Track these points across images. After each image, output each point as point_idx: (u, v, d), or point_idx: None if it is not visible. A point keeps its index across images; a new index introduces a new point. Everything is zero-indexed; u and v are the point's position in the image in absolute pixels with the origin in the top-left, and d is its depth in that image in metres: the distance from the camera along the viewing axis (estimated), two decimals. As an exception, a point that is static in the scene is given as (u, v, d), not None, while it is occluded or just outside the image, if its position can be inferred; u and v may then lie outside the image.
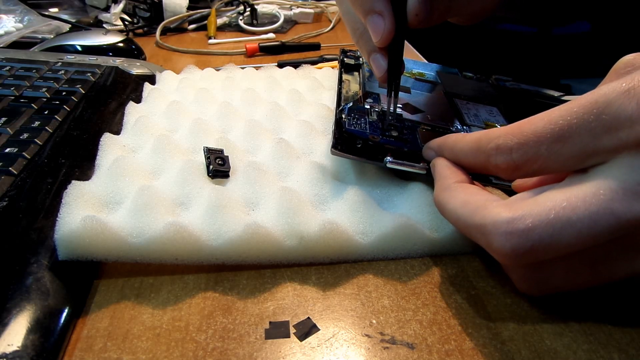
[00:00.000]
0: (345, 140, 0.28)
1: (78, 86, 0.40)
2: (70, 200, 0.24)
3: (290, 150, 0.31)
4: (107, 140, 0.31)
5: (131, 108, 0.37)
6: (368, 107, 0.32)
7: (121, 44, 0.55)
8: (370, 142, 0.28)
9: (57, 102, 0.37)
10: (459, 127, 0.32)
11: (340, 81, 0.36)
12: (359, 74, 0.38)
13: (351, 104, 0.32)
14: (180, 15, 0.71)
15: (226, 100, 0.38)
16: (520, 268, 0.21)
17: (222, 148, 0.30)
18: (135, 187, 0.26)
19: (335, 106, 0.33)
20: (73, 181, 0.26)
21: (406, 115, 0.32)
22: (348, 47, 0.45)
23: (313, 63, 0.53)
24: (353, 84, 0.36)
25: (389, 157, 0.27)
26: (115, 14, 0.69)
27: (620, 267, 0.20)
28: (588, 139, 0.18)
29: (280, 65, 0.51)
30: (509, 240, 0.19)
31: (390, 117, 0.30)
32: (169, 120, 0.36)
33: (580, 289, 0.21)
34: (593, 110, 0.18)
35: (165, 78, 0.45)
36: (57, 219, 0.23)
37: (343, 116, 0.30)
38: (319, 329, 0.21)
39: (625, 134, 0.18)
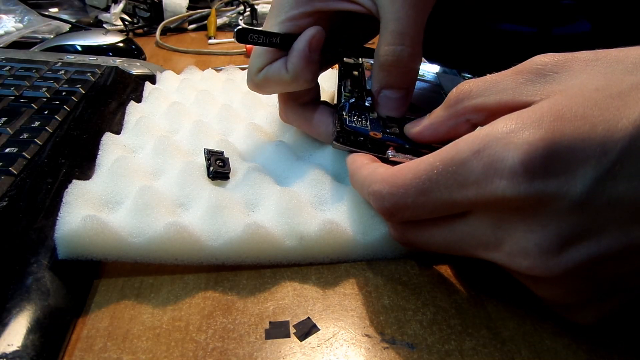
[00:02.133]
0: (347, 133, 0.28)
1: (78, 86, 0.40)
2: (70, 200, 0.24)
3: (289, 152, 0.31)
4: (108, 140, 0.31)
5: (132, 108, 0.37)
6: (368, 104, 0.32)
7: (121, 44, 0.55)
8: (372, 138, 0.28)
9: (57, 102, 0.37)
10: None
11: (340, 79, 0.36)
12: (358, 73, 0.38)
13: (352, 100, 0.32)
14: (180, 15, 0.71)
15: (227, 103, 0.38)
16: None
17: (222, 150, 0.30)
18: (136, 187, 0.26)
19: (336, 104, 0.33)
20: (74, 180, 0.26)
21: (406, 113, 0.32)
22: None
23: (313, 63, 0.53)
24: (353, 83, 0.36)
25: (390, 151, 0.27)
26: (115, 14, 0.69)
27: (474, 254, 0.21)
28: (446, 194, 0.20)
29: (280, 65, 0.51)
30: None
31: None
32: (170, 121, 0.36)
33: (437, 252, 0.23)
34: (449, 168, 0.20)
35: (166, 78, 0.45)
36: (58, 218, 0.23)
37: (344, 113, 0.30)
38: (319, 329, 0.21)
39: (473, 193, 0.19)
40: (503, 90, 0.21)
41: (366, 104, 0.32)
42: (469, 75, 0.42)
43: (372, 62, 0.41)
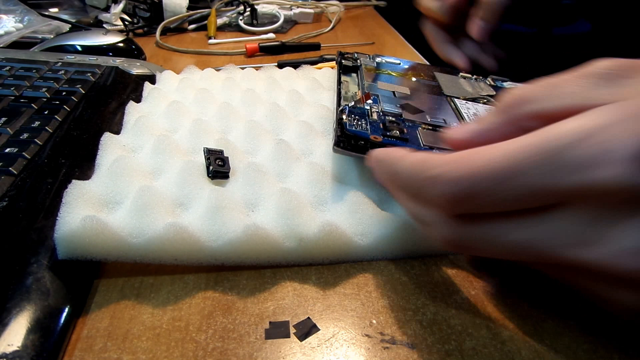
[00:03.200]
0: (347, 137, 0.28)
1: (78, 86, 0.40)
2: (70, 200, 0.24)
3: (290, 151, 0.31)
4: (107, 140, 0.31)
5: (131, 108, 0.37)
6: (368, 107, 0.32)
7: (121, 44, 0.55)
8: (373, 142, 0.28)
9: (57, 102, 0.37)
10: (458, 126, 0.32)
11: (339, 82, 0.36)
12: (357, 76, 0.38)
13: (352, 103, 0.32)
14: (180, 15, 0.71)
15: (226, 101, 0.38)
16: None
17: (222, 149, 0.30)
18: (135, 187, 0.26)
19: (335, 107, 0.33)
20: (73, 181, 0.26)
21: (406, 115, 0.32)
22: (345, 49, 0.45)
23: (313, 63, 0.53)
24: (352, 85, 0.36)
25: None
26: (115, 14, 0.69)
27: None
28: (538, 180, 0.17)
29: (280, 65, 0.51)
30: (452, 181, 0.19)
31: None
32: (169, 120, 0.36)
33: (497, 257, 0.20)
34: (546, 153, 0.17)
35: (166, 78, 0.45)
36: (57, 218, 0.23)
37: (344, 117, 0.30)
38: (319, 329, 0.21)
39: (574, 180, 0.17)
40: (568, 94, 0.19)
41: (365, 106, 0.32)
42: (468, 75, 0.42)
43: (370, 63, 0.41)
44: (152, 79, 0.46)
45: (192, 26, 0.72)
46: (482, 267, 0.25)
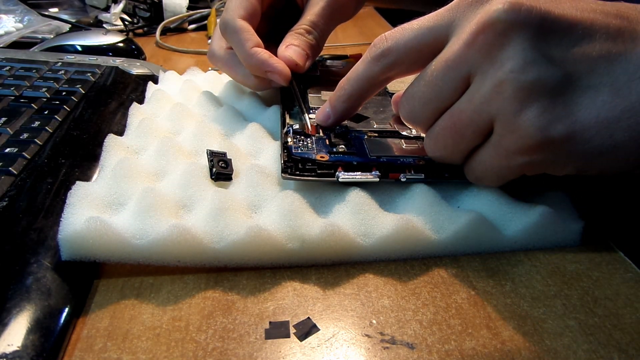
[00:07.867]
0: (295, 162, 0.27)
1: (78, 86, 0.40)
2: (74, 201, 0.24)
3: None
4: (111, 141, 0.31)
5: (135, 109, 0.37)
6: (309, 119, 0.31)
7: (121, 44, 0.55)
8: (319, 162, 0.27)
9: (57, 102, 0.37)
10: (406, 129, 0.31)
11: (282, 100, 0.35)
12: (291, 86, 0.36)
13: (297, 125, 0.31)
14: (180, 15, 0.71)
15: (229, 104, 0.38)
16: None
17: (225, 151, 0.30)
18: (139, 189, 0.26)
19: (280, 128, 0.32)
20: (77, 182, 0.26)
21: (351, 125, 0.31)
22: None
23: (313, 63, 0.53)
24: (291, 102, 0.35)
25: (340, 172, 0.27)
26: (115, 14, 0.69)
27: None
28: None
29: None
30: None
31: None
32: (173, 122, 0.36)
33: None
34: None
35: (169, 78, 0.45)
36: (61, 219, 0.23)
37: (289, 140, 0.29)
38: (319, 329, 0.21)
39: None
40: (430, 29, 0.25)
41: (306, 117, 0.31)
42: None
43: (313, 72, 0.39)
44: (152, 79, 0.46)
45: (192, 26, 0.72)
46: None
